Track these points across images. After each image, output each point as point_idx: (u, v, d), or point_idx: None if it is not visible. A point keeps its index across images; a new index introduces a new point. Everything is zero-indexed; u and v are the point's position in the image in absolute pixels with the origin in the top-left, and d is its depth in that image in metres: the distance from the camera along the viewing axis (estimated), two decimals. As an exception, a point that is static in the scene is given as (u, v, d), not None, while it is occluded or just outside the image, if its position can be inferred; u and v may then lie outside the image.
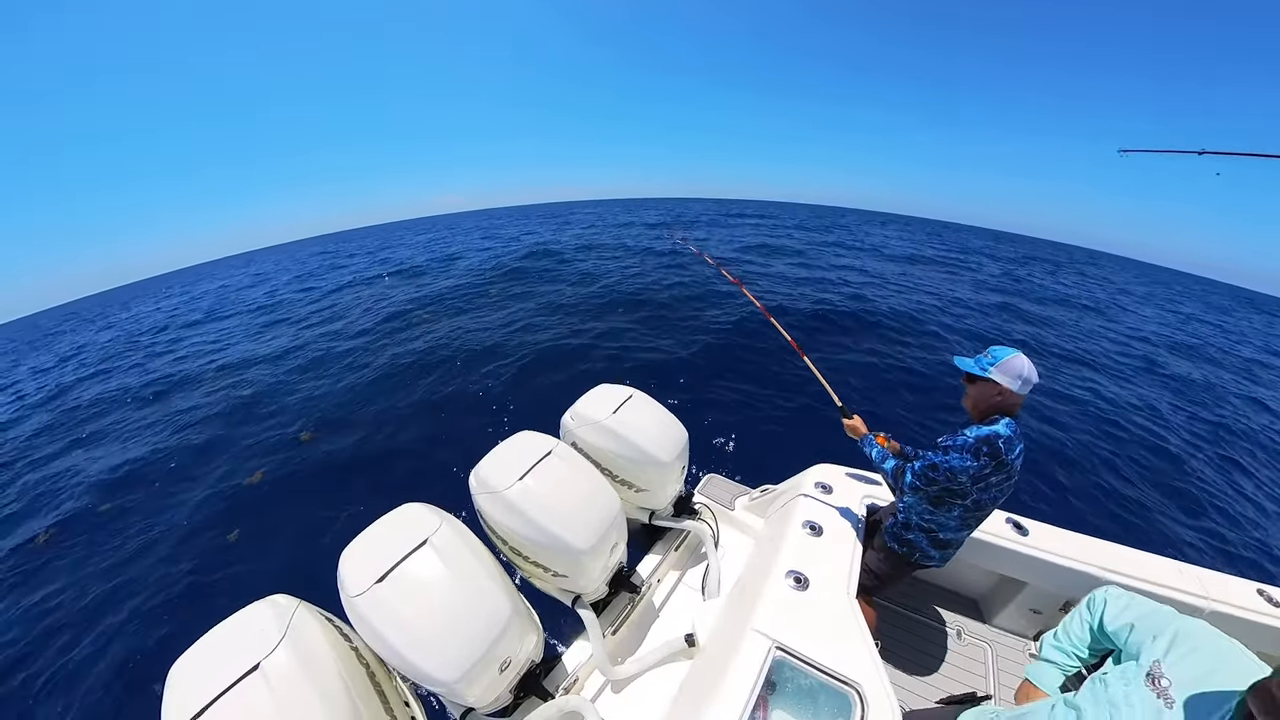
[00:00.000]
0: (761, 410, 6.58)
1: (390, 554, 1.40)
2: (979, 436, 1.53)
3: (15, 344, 32.00)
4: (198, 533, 5.20)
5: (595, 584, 1.79)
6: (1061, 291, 20.34)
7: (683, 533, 2.39)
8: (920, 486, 1.64)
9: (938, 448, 1.61)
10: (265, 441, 6.91)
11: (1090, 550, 1.99)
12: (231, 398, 8.82)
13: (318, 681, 1.16)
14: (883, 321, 10.35)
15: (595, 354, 8.51)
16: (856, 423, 1.97)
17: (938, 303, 13.33)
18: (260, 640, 1.18)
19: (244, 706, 1.06)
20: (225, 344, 13.63)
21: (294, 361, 10.33)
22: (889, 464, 1.77)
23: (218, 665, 1.12)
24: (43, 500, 6.76)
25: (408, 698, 1.52)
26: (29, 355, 22.44)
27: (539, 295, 13.24)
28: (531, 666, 1.62)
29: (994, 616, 2.30)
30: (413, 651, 1.28)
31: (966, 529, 1.73)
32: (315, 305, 16.83)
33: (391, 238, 58.44)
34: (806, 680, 1.35)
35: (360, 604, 1.32)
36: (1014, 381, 1.51)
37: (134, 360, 14.40)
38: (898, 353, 8.65)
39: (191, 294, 33.67)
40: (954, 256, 27.81)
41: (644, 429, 2.05)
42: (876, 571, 1.91)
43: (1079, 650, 1.23)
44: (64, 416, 10.32)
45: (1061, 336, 12.06)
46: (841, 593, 1.65)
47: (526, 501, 1.63)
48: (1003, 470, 1.53)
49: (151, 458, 7.15)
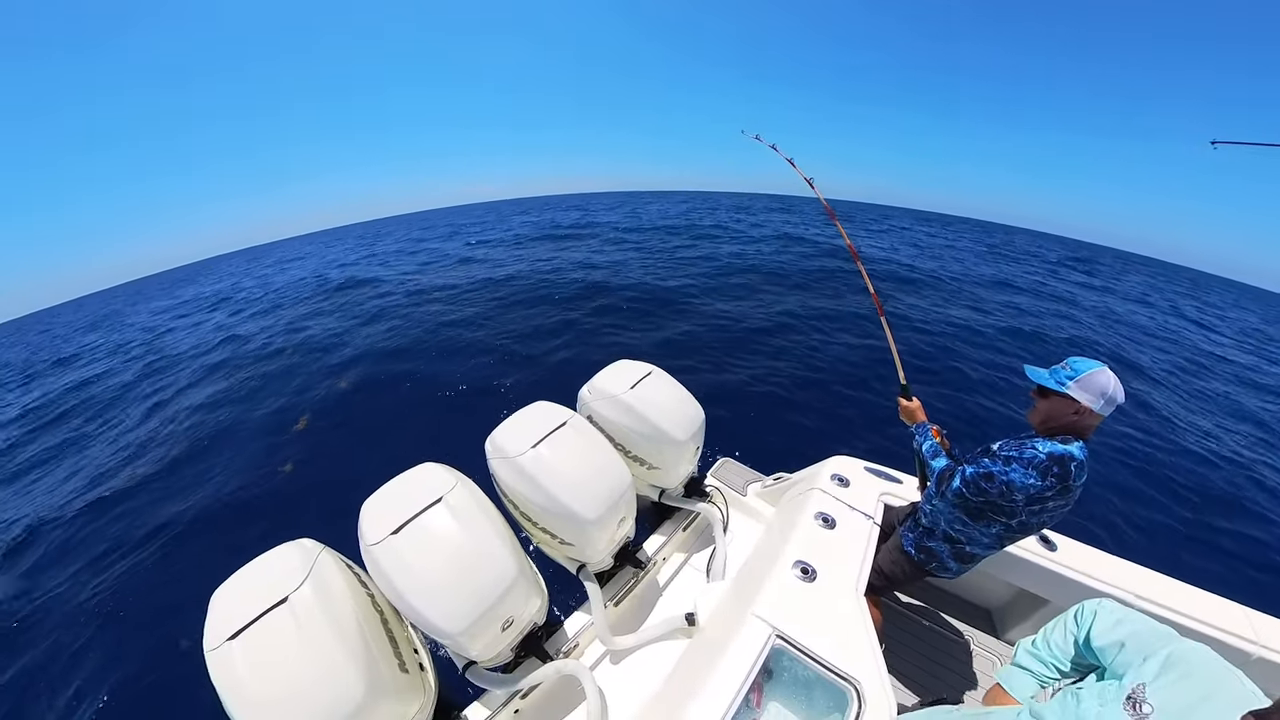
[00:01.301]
0: (787, 397, 6.45)
1: (406, 508, 1.46)
2: (1052, 454, 1.33)
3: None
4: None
5: (600, 555, 1.82)
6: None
7: (691, 514, 2.39)
8: (966, 496, 1.49)
9: (996, 456, 1.44)
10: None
11: (1126, 575, 1.84)
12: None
13: (334, 618, 1.23)
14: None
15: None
16: (915, 406, 1.79)
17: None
18: (289, 577, 1.27)
19: (273, 631, 1.16)
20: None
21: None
22: (939, 462, 1.62)
23: (252, 595, 1.23)
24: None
25: (417, 645, 1.60)
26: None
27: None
28: (534, 628, 1.66)
29: (1007, 631, 2.21)
30: (421, 602, 1.33)
31: (998, 547, 1.60)
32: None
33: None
34: (804, 671, 1.34)
35: (376, 553, 1.38)
36: (1096, 400, 1.32)
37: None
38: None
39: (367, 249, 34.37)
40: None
41: (660, 406, 2.04)
42: (887, 573, 1.84)
43: (1057, 662, 1.13)
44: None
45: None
46: (849, 589, 1.61)
47: (537, 468, 1.65)
48: (1065, 496, 1.38)
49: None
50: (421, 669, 1.53)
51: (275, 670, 1.12)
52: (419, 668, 1.52)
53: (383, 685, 1.24)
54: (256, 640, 1.15)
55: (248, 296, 20.63)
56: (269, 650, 1.15)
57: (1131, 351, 10.98)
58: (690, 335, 8.76)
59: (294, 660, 1.14)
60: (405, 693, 1.35)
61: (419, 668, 1.52)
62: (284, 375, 8.56)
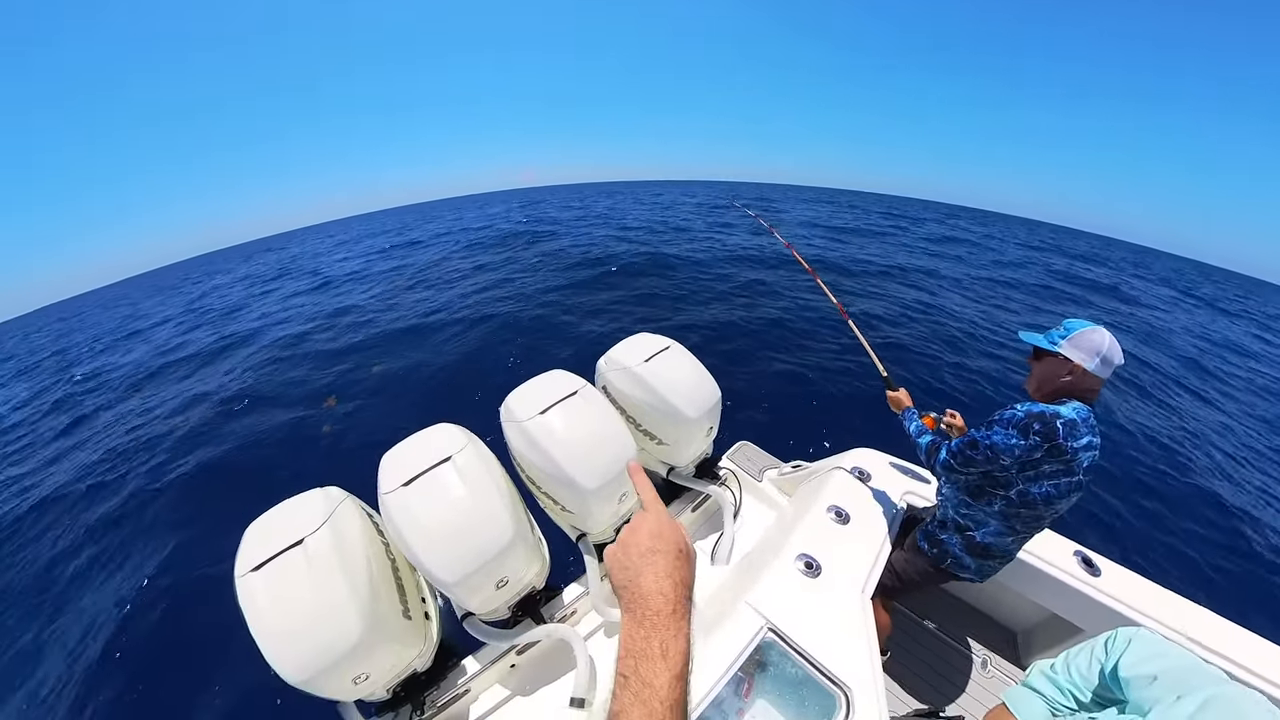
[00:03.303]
0: (817, 386, 6.24)
1: (419, 463, 1.52)
2: (1030, 411, 1.28)
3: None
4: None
5: (602, 526, 1.82)
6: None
7: (701, 496, 2.35)
8: (956, 468, 1.42)
9: (981, 425, 1.40)
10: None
11: (1183, 614, 1.56)
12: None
13: (346, 562, 1.31)
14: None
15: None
16: (901, 395, 1.79)
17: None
18: (309, 520, 1.36)
19: (287, 568, 1.25)
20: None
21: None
22: (925, 439, 1.59)
23: (276, 533, 1.33)
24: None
25: (425, 595, 1.69)
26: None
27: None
28: (532, 591, 1.70)
29: (1031, 657, 2.01)
30: (423, 550, 1.39)
31: (1011, 535, 1.47)
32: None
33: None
34: (794, 669, 1.28)
35: (389, 500, 1.46)
36: (1089, 358, 1.25)
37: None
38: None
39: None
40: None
41: (674, 381, 1.98)
42: (900, 572, 1.72)
43: (1076, 690, 1.01)
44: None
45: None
46: (854, 588, 1.52)
47: (543, 434, 1.66)
48: (1058, 458, 1.26)
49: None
50: (426, 618, 1.61)
51: (287, 605, 1.21)
52: (424, 616, 1.60)
53: (383, 628, 1.31)
54: (274, 575, 1.24)
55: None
56: (283, 586, 1.24)
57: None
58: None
59: (303, 598, 1.22)
60: (406, 636, 1.42)
61: (424, 616, 1.60)
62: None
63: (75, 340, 21.54)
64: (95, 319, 30.74)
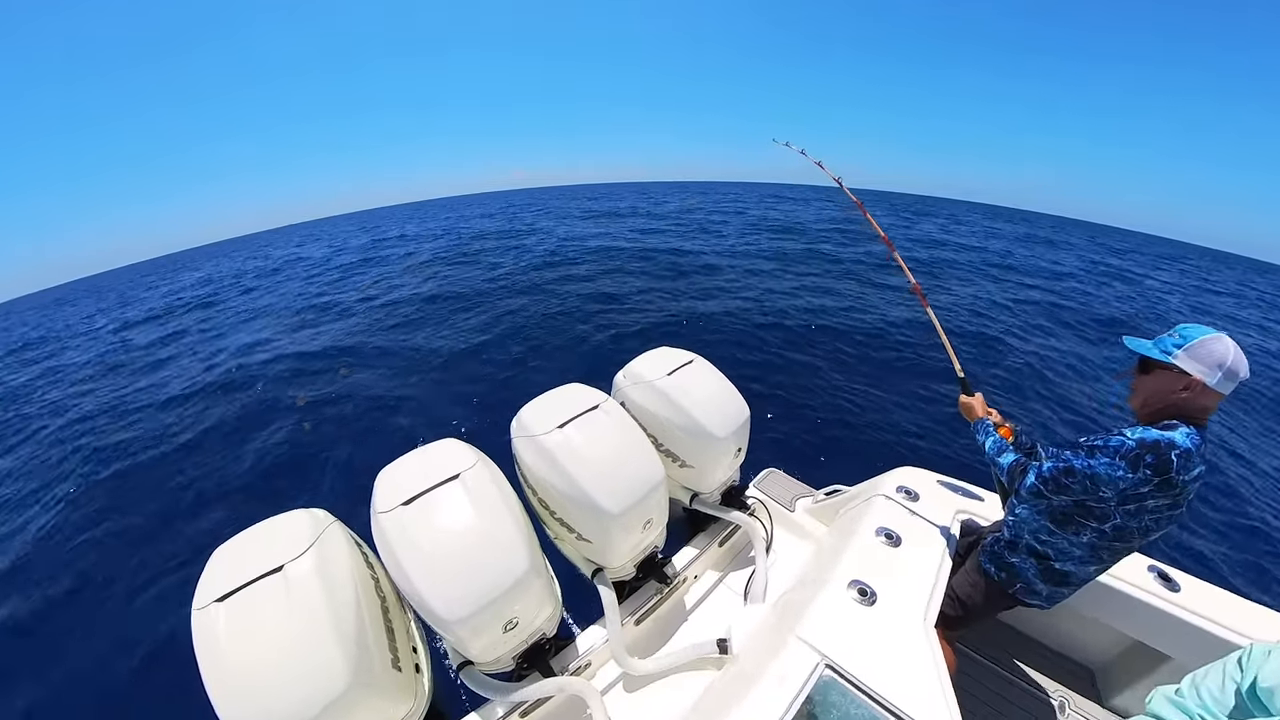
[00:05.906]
0: (853, 407, 5.59)
1: (421, 481, 1.37)
2: (1142, 441, 1.11)
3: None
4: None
5: (622, 560, 1.61)
6: None
7: (729, 528, 2.13)
8: (1045, 494, 1.25)
9: (1080, 448, 1.21)
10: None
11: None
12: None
13: (331, 595, 1.14)
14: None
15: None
16: (975, 402, 1.58)
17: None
18: (291, 545, 1.20)
19: (262, 600, 1.08)
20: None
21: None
22: (1006, 458, 1.38)
23: (250, 558, 1.16)
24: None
25: (417, 643, 1.47)
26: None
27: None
28: (541, 639, 1.48)
29: (1114, 695, 1.77)
30: (421, 580, 1.21)
31: (1095, 563, 1.30)
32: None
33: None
34: (858, 709, 1.10)
35: (384, 521, 1.30)
36: (1211, 373, 1.07)
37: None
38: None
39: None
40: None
41: (698, 397, 1.84)
42: (963, 599, 1.52)
43: (1208, 715, 0.90)
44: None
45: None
46: (916, 616, 1.33)
47: (561, 450, 1.50)
48: (1168, 493, 1.11)
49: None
50: (417, 670, 1.38)
51: (256, 642, 1.03)
52: (415, 668, 1.37)
53: (370, 678, 1.11)
54: (243, 606, 1.07)
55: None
56: (254, 620, 1.06)
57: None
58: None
59: (278, 635, 1.04)
60: (394, 691, 1.21)
61: (415, 668, 1.37)
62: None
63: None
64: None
